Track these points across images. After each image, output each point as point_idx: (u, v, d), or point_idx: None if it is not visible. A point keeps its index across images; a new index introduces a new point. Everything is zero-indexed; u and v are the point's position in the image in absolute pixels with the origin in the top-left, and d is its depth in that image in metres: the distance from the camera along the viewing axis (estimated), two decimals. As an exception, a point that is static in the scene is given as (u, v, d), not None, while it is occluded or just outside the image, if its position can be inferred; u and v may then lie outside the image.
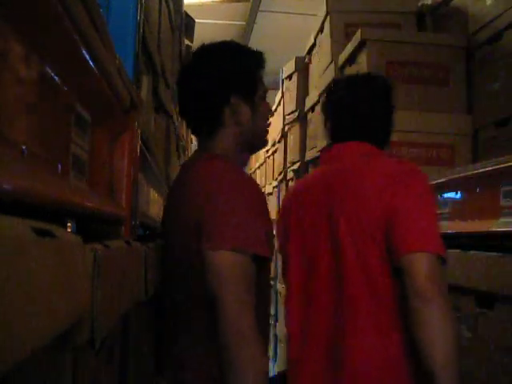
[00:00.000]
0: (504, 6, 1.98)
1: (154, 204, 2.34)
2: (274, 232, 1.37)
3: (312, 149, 3.14)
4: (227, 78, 1.25)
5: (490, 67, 2.10)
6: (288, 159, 3.91)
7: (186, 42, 3.85)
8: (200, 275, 1.09)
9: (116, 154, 1.23)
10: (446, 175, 1.43)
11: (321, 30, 2.96)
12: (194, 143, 7.58)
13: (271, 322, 4.63)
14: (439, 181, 1.47)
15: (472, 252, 1.24)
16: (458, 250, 1.29)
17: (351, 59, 2.41)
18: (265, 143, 1.43)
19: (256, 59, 1.35)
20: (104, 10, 1.31)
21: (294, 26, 6.84)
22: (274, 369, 4.42)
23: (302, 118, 3.46)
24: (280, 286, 4.10)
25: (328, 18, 2.77)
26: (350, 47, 2.41)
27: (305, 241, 1.35)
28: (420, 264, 1.10)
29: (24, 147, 0.61)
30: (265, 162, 5.52)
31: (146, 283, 1.22)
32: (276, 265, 4.34)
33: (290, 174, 3.83)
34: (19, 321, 0.39)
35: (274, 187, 4.78)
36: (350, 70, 2.43)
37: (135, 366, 1.25)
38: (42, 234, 0.47)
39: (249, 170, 7.04)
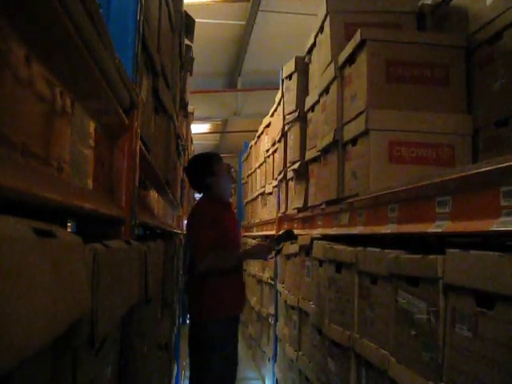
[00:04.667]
0: (504, 6, 1.98)
1: (154, 204, 2.34)
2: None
3: (312, 148, 3.14)
4: (198, 174, 3.03)
5: (490, 67, 2.10)
6: (288, 159, 3.91)
7: (186, 41, 3.85)
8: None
9: (116, 154, 1.23)
10: (446, 175, 1.43)
11: (321, 30, 2.96)
12: (193, 143, 7.57)
13: (271, 322, 4.63)
14: (439, 181, 1.47)
15: (472, 252, 1.23)
16: (458, 250, 1.29)
17: (351, 59, 2.41)
18: (229, 186, 3.16)
19: (214, 158, 3.06)
20: (104, 10, 1.31)
21: (293, 25, 6.85)
22: (273, 368, 4.42)
23: (302, 118, 3.46)
24: (280, 286, 4.09)
25: (328, 17, 2.77)
26: (349, 47, 2.41)
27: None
28: None
29: (24, 147, 0.61)
30: (265, 161, 5.51)
31: (146, 283, 1.22)
32: (276, 267, 4.34)
33: (290, 174, 3.83)
34: (19, 321, 0.39)
35: (273, 187, 4.78)
36: (350, 70, 2.43)
37: (135, 365, 1.25)
38: (42, 234, 0.47)
39: (249, 171, 7.08)
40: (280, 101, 4.21)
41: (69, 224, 1.38)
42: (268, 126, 5.27)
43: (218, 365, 2.74)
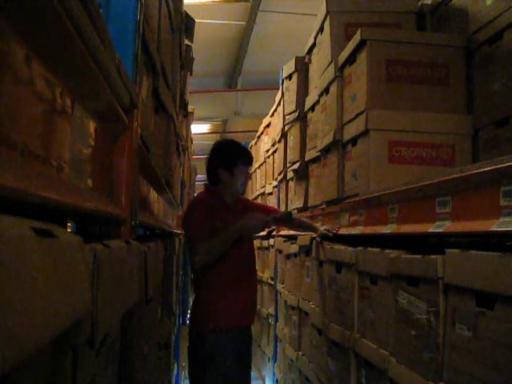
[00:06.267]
0: (504, 6, 1.98)
1: (154, 204, 2.33)
2: None
3: (312, 149, 3.14)
4: (216, 160, 2.64)
5: (490, 67, 2.10)
6: (288, 159, 3.91)
7: (186, 42, 3.85)
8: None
9: (116, 154, 1.23)
10: (446, 175, 1.44)
11: (321, 29, 2.96)
12: (193, 143, 7.58)
13: (271, 322, 4.63)
14: (439, 181, 1.47)
15: (472, 252, 1.23)
16: (457, 250, 1.29)
17: (351, 59, 2.41)
18: (238, 192, 2.69)
19: (241, 157, 2.63)
20: (104, 10, 1.31)
21: (294, 25, 6.85)
22: (273, 368, 4.42)
23: (301, 118, 3.46)
24: (280, 286, 4.09)
25: (328, 17, 2.77)
26: (349, 47, 2.41)
27: None
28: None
29: (24, 147, 0.61)
30: (265, 161, 5.51)
31: (146, 283, 1.22)
32: (276, 267, 4.34)
33: (290, 174, 3.83)
34: (19, 320, 0.39)
35: (273, 187, 4.77)
36: (350, 70, 2.43)
37: (135, 365, 1.25)
38: (42, 234, 0.47)
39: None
40: (280, 101, 4.22)
41: (69, 224, 1.38)
42: (268, 126, 5.27)
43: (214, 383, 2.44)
